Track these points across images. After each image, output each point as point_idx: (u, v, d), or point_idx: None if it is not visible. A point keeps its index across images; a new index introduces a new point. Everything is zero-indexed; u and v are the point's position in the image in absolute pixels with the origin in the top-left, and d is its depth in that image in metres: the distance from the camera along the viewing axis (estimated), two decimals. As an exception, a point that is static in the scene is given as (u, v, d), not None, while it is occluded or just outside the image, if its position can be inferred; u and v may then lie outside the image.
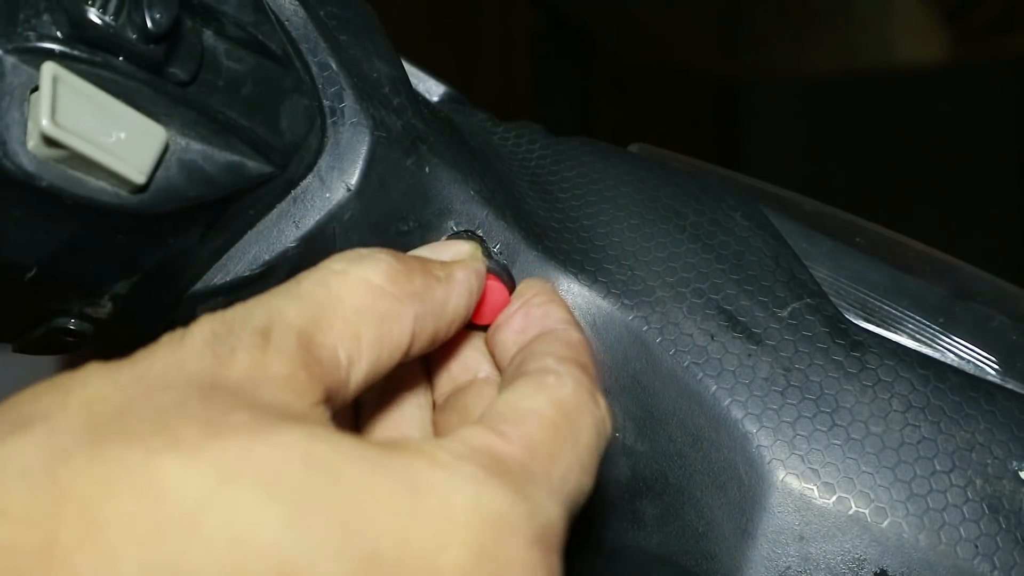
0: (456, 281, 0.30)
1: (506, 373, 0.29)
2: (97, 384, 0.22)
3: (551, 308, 0.32)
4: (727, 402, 0.35)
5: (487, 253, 0.35)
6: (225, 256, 0.34)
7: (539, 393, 0.26)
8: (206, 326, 0.24)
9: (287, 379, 0.23)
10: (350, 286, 0.26)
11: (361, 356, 0.26)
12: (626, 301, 0.37)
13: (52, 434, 0.20)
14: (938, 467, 0.35)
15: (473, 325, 0.33)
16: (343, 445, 0.21)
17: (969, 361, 0.39)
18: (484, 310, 0.33)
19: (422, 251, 0.33)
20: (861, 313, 0.40)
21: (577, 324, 0.31)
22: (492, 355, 0.33)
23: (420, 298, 0.28)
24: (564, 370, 0.27)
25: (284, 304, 0.25)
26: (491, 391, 0.31)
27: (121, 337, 0.34)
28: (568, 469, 0.25)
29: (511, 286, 0.35)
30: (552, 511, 0.23)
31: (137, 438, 0.20)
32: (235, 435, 0.21)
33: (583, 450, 0.26)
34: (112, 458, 0.20)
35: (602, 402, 0.27)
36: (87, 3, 0.28)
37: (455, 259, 0.32)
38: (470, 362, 0.34)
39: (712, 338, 0.36)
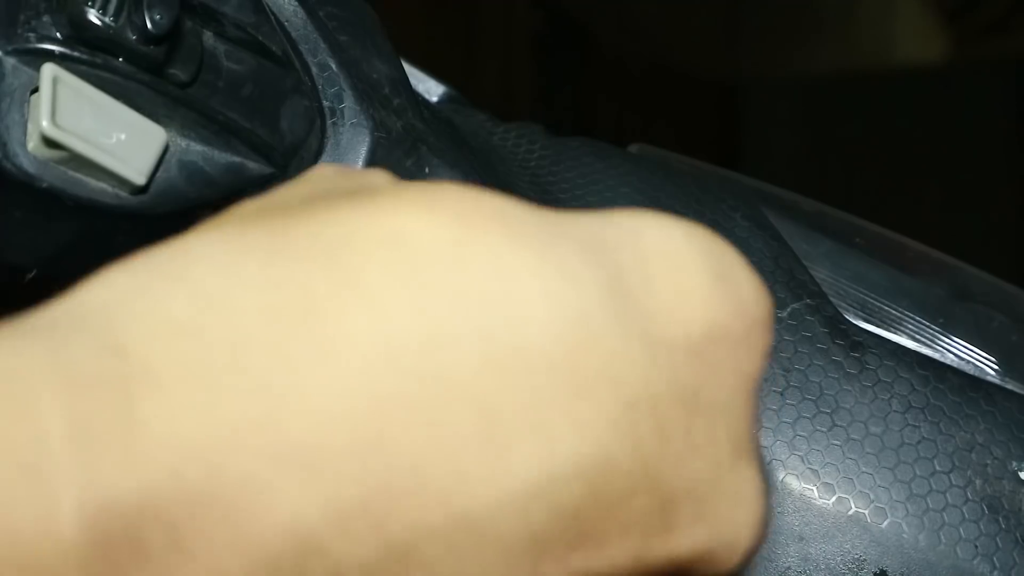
0: None
1: None
2: (242, 207, 0.20)
3: None
4: (727, 402, 0.35)
5: None
6: (225, 257, 0.34)
7: None
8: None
9: None
10: None
11: None
12: (626, 302, 0.37)
13: (240, 230, 0.18)
14: (938, 467, 0.35)
15: None
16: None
17: (969, 361, 0.39)
18: None
19: None
20: (861, 313, 0.40)
21: None
22: None
23: None
24: None
25: None
26: None
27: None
28: None
29: None
30: None
31: (346, 199, 0.18)
32: (442, 187, 0.18)
33: None
34: (332, 219, 0.18)
35: None
36: (87, 4, 0.28)
37: None
38: None
39: (712, 339, 0.36)
